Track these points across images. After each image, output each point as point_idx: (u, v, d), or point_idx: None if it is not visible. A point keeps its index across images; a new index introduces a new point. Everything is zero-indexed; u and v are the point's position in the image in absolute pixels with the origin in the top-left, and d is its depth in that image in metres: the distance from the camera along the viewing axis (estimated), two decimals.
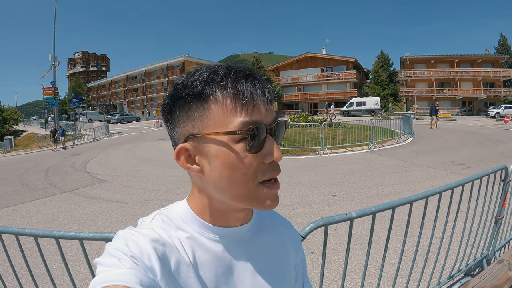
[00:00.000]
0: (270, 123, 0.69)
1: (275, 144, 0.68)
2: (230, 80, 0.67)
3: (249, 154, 0.66)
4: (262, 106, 0.68)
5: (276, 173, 0.70)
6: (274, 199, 0.70)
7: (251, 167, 0.67)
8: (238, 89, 0.66)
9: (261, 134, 0.66)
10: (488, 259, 3.83)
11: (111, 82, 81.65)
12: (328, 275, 4.16)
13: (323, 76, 56.63)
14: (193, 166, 0.72)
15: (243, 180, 0.67)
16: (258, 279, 0.79)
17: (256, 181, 0.68)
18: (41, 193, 9.92)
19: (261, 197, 0.69)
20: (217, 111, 0.67)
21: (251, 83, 0.68)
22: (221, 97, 0.67)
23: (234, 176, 0.67)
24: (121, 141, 25.72)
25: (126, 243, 0.66)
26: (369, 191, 7.99)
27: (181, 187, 9.38)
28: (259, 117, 0.66)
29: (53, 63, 35.45)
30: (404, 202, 2.52)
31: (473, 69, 48.61)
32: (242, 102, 0.66)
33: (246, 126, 0.65)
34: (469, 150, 13.77)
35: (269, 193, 0.69)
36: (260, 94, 0.68)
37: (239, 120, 0.65)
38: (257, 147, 0.66)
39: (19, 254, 2.48)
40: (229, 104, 0.66)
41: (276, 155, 0.68)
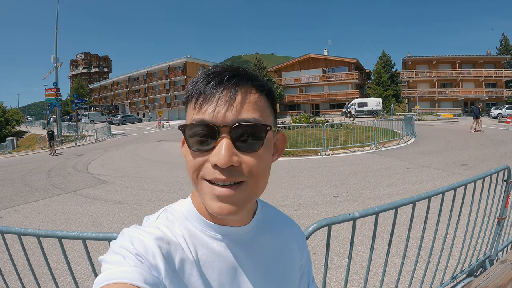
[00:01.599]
0: (226, 123, 0.65)
1: (226, 147, 0.64)
2: (193, 81, 0.72)
3: (193, 151, 0.68)
4: (213, 104, 0.66)
5: (218, 177, 0.65)
6: (215, 201, 0.66)
7: (195, 163, 0.68)
8: (194, 87, 0.70)
9: (201, 133, 0.66)
10: (491, 260, 3.82)
11: (113, 83, 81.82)
12: (331, 275, 4.15)
13: (325, 77, 56.68)
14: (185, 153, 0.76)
15: (189, 171, 0.70)
16: (262, 279, 0.80)
17: (200, 177, 0.68)
18: (44, 194, 9.92)
19: (204, 194, 0.68)
20: (188, 109, 0.72)
21: (206, 80, 0.68)
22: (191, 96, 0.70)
23: (187, 167, 0.71)
24: (123, 142, 25.75)
25: (131, 241, 0.67)
26: (372, 192, 7.97)
27: (183, 188, 9.38)
28: (205, 116, 0.66)
29: (55, 64, 35.54)
30: (407, 202, 2.52)
31: (475, 70, 48.53)
32: (194, 100, 0.69)
33: (190, 122, 0.68)
34: (471, 151, 13.74)
35: (210, 192, 0.67)
36: (213, 91, 0.66)
37: (191, 117, 0.69)
38: (197, 145, 0.67)
39: (22, 254, 2.48)
40: (191, 103, 0.70)
41: (215, 160, 0.64)
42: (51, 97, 35.89)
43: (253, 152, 0.67)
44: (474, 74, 48.25)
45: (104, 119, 56.07)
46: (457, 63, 49.75)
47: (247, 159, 0.66)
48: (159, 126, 39.94)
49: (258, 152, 0.68)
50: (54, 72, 36.05)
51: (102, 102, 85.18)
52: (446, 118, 37.65)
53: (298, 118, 22.20)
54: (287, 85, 59.26)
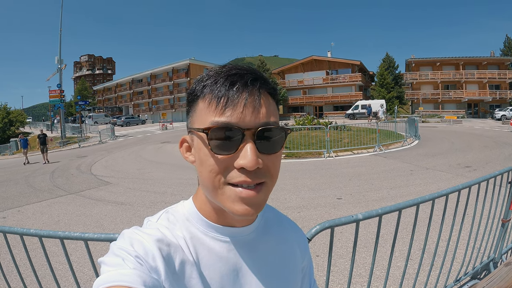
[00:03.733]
0: (250, 126, 0.65)
1: (252, 151, 0.64)
2: (211, 80, 0.68)
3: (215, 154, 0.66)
4: (240, 107, 0.65)
5: (245, 180, 0.65)
6: (240, 203, 0.66)
7: (218, 166, 0.66)
8: (215, 88, 0.67)
9: (227, 136, 0.65)
10: (495, 262, 3.79)
11: (116, 85, 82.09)
12: (334, 278, 4.14)
13: (328, 79, 56.65)
14: (189, 156, 0.75)
15: (209, 177, 0.67)
16: (264, 281, 0.79)
17: (222, 181, 0.67)
18: (47, 195, 9.96)
19: (225, 197, 0.67)
20: (201, 109, 0.69)
21: (230, 82, 0.66)
22: (204, 95, 0.68)
23: (203, 171, 0.69)
24: (126, 144, 25.82)
25: (131, 242, 0.66)
26: (375, 194, 7.95)
27: (187, 189, 9.39)
28: (231, 119, 0.64)
29: (59, 66, 35.64)
30: (411, 204, 2.50)
31: (479, 71, 48.33)
32: (216, 101, 0.66)
33: (213, 125, 0.65)
34: (475, 153, 13.69)
35: (235, 195, 0.66)
36: (239, 94, 0.66)
37: (211, 119, 0.66)
38: (221, 148, 0.65)
39: (24, 255, 2.48)
40: (207, 102, 0.67)
41: (245, 162, 0.64)
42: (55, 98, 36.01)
43: (273, 154, 0.69)
44: (478, 75, 48.06)
45: (108, 120, 56.25)
46: (461, 64, 49.56)
47: (267, 161, 0.68)
48: (163, 128, 40.04)
49: (277, 153, 0.70)
50: (58, 73, 36.15)
51: (105, 104, 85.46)
52: (450, 120, 37.55)
53: (301, 120, 22.20)
54: (290, 87, 59.27)
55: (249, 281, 0.77)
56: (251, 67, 0.73)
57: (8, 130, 42.56)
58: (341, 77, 55.83)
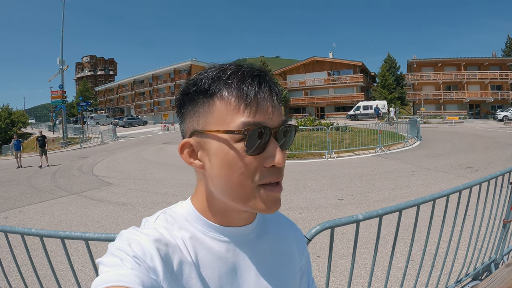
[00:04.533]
0: (275, 126, 0.67)
1: (279, 149, 0.66)
2: (236, 79, 0.66)
3: (247, 155, 0.65)
4: (268, 108, 0.66)
5: (276, 178, 0.68)
6: (273, 202, 0.69)
7: (249, 168, 0.65)
8: (243, 88, 0.65)
9: (261, 136, 0.65)
10: (496, 263, 3.79)
11: (118, 86, 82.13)
12: (334, 279, 4.13)
13: (330, 80, 56.62)
14: (195, 161, 0.72)
15: (240, 180, 0.66)
16: (263, 280, 0.79)
17: (254, 183, 0.67)
18: (48, 195, 9.98)
19: (259, 199, 0.67)
20: (221, 109, 0.66)
21: (257, 83, 0.66)
22: (225, 95, 0.66)
23: (232, 175, 0.66)
24: (128, 145, 25.85)
25: (128, 243, 0.66)
26: (376, 195, 7.94)
27: (188, 190, 9.39)
28: (262, 119, 0.65)
29: (61, 67, 35.72)
30: (411, 204, 2.50)
31: (480, 72, 48.19)
32: (245, 102, 0.65)
33: (246, 126, 0.64)
34: (477, 154, 13.66)
35: (268, 195, 0.67)
36: (267, 96, 0.66)
37: (240, 120, 0.64)
38: (256, 149, 0.65)
39: (25, 254, 2.49)
40: (233, 103, 0.65)
41: (276, 160, 0.65)
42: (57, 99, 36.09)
43: (286, 150, 0.72)
44: (480, 76, 47.92)
45: (110, 121, 56.30)
46: (462, 65, 49.43)
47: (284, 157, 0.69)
48: (164, 129, 40.05)
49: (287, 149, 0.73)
50: (60, 74, 36.26)
51: (107, 105, 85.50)
52: (452, 120, 37.49)
53: (303, 121, 22.19)
54: (292, 88, 59.24)
55: (248, 280, 0.77)
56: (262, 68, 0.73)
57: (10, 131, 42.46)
58: (342, 78, 55.78)
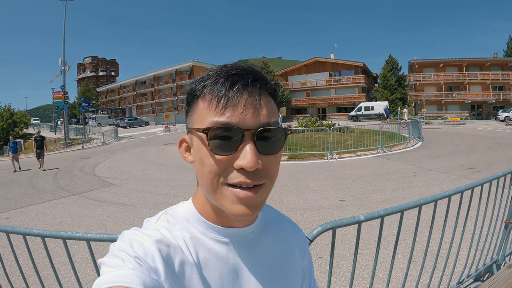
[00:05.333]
0: (251, 126, 0.65)
1: (252, 151, 0.64)
2: (211, 80, 0.68)
3: (214, 154, 0.65)
4: (240, 108, 0.65)
5: (245, 180, 0.65)
6: (238, 204, 0.66)
7: (218, 166, 0.66)
8: (215, 88, 0.67)
9: (227, 136, 0.64)
10: (498, 264, 3.78)
11: (120, 87, 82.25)
12: (336, 280, 4.13)
13: (332, 81, 56.62)
14: (188, 156, 0.76)
15: (209, 177, 0.67)
16: (264, 281, 0.79)
17: (221, 181, 0.66)
18: (50, 196, 9.99)
19: (225, 199, 0.67)
20: (200, 109, 0.69)
21: (230, 82, 0.66)
22: (204, 96, 0.68)
23: (203, 171, 0.69)
24: (130, 145, 25.87)
25: (130, 243, 0.66)
26: (378, 195, 7.94)
27: (190, 191, 9.39)
28: (231, 119, 0.64)
29: (63, 67, 35.83)
30: (413, 205, 2.50)
31: (482, 73, 48.09)
32: (216, 101, 0.65)
33: (213, 125, 0.64)
34: (478, 154, 13.64)
35: (233, 196, 0.66)
36: (239, 94, 0.66)
37: (210, 119, 0.65)
38: (221, 149, 0.65)
39: (27, 255, 2.49)
40: (208, 103, 0.67)
41: (246, 162, 0.64)
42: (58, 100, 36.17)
43: (273, 155, 0.69)
44: (481, 77, 47.82)
45: (111, 122, 56.35)
46: (464, 66, 49.35)
47: (267, 162, 0.67)
48: (166, 130, 40.09)
49: (277, 154, 0.70)
50: (61, 75, 36.38)
51: (109, 106, 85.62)
52: (453, 121, 37.41)
53: (304, 122, 22.19)
54: (293, 89, 59.20)
55: (249, 281, 0.77)
56: (252, 67, 0.73)
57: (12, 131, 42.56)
58: (344, 79, 55.77)
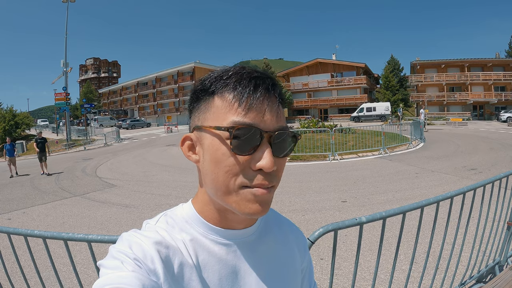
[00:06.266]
0: (269, 129, 0.67)
1: (269, 153, 0.65)
2: (234, 79, 0.68)
3: (234, 154, 0.65)
4: (262, 110, 0.67)
5: (263, 182, 0.66)
6: (254, 203, 0.67)
7: (235, 167, 0.66)
8: (237, 88, 0.67)
9: (249, 137, 0.65)
10: (501, 266, 3.77)
11: (122, 88, 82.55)
12: (338, 281, 4.12)
13: (333, 82, 56.63)
14: (192, 155, 0.74)
15: (224, 178, 0.67)
16: (263, 282, 0.78)
17: (238, 183, 0.66)
18: (52, 197, 10.00)
19: (241, 199, 0.67)
20: (218, 107, 0.68)
21: (254, 85, 0.67)
22: (223, 94, 0.68)
23: (218, 172, 0.67)
24: (131, 147, 25.89)
25: (129, 245, 0.66)
26: (380, 197, 7.92)
27: (191, 192, 9.39)
28: (253, 120, 0.65)
29: (65, 69, 35.86)
30: (415, 207, 2.49)
31: (484, 73, 48.07)
32: (238, 101, 0.66)
33: (235, 125, 0.65)
34: (480, 155, 13.60)
35: (251, 195, 0.66)
36: (261, 98, 0.67)
37: (232, 118, 0.66)
38: (242, 149, 0.65)
39: (28, 256, 2.49)
40: (228, 101, 0.67)
41: (263, 164, 0.65)
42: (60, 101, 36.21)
43: (283, 158, 0.71)
44: (483, 77, 47.81)
45: (113, 123, 56.47)
46: (466, 66, 49.33)
47: (278, 164, 0.69)
48: (168, 131, 40.12)
49: (286, 157, 0.72)
50: (63, 76, 36.36)
51: (111, 107, 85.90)
52: (455, 122, 37.38)
53: (306, 123, 22.16)
54: (295, 90, 59.25)
55: (248, 283, 0.77)
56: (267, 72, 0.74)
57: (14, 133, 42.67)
58: (346, 80, 55.78)
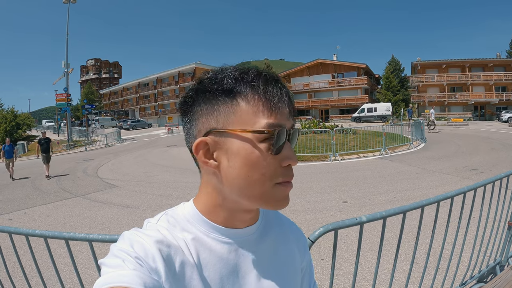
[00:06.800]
0: (289, 128, 0.71)
1: (291, 149, 0.71)
2: (261, 82, 0.69)
3: (270, 155, 0.68)
4: (285, 112, 0.71)
5: (291, 177, 0.72)
6: (286, 199, 0.72)
7: (270, 167, 0.68)
8: (268, 91, 0.69)
9: (282, 137, 0.68)
10: (501, 266, 3.76)
11: (123, 89, 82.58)
12: (339, 281, 4.12)
13: (334, 83, 56.60)
14: (210, 161, 0.71)
15: (261, 179, 0.68)
16: (264, 281, 0.79)
17: (273, 182, 0.69)
18: (53, 197, 10.01)
19: (275, 197, 0.70)
20: (245, 109, 0.68)
21: (279, 88, 0.70)
22: (250, 96, 0.68)
23: (253, 175, 0.68)
24: (133, 147, 25.89)
25: (131, 244, 0.66)
26: (381, 197, 7.92)
27: (193, 192, 9.37)
28: (282, 121, 0.69)
29: (66, 70, 35.87)
30: (415, 206, 2.49)
31: (485, 73, 48.02)
32: (270, 104, 0.68)
33: (271, 127, 0.67)
34: (481, 156, 13.58)
35: (283, 193, 0.71)
36: (285, 100, 0.71)
37: (265, 121, 0.67)
38: (278, 149, 0.68)
39: (30, 256, 2.49)
40: (258, 104, 0.68)
41: (292, 160, 0.70)
42: (61, 102, 36.23)
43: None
44: (484, 77, 47.75)
45: (114, 124, 56.49)
46: (467, 66, 49.28)
47: None
48: (169, 132, 40.11)
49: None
50: (64, 77, 36.39)
51: (112, 108, 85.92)
52: (456, 122, 37.32)
53: (307, 124, 22.14)
54: (296, 90, 59.17)
55: (249, 281, 0.77)
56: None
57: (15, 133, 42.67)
58: (346, 80, 55.75)
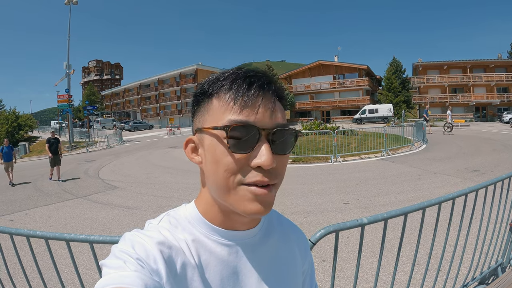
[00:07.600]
0: (267, 127, 0.67)
1: (268, 150, 0.65)
2: (229, 80, 0.69)
3: (232, 152, 0.66)
4: (259, 108, 0.67)
5: (262, 179, 0.66)
6: (254, 203, 0.67)
7: (233, 165, 0.66)
8: (233, 87, 0.68)
9: (246, 134, 0.65)
10: (503, 267, 3.75)
11: (124, 90, 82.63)
12: (340, 283, 4.11)
13: (336, 84, 56.64)
14: (195, 157, 0.75)
15: (224, 176, 0.67)
16: (264, 284, 0.78)
17: (237, 181, 0.67)
18: (54, 198, 10.02)
19: (240, 197, 0.67)
20: (216, 108, 0.69)
21: (249, 83, 0.68)
22: (220, 95, 0.69)
23: (217, 171, 0.68)
24: (134, 149, 25.91)
25: (132, 245, 0.66)
26: (382, 198, 7.91)
27: (194, 194, 9.38)
28: (249, 118, 0.66)
29: (67, 71, 35.92)
30: (417, 208, 2.49)
31: (486, 74, 48.02)
32: (233, 100, 0.67)
33: (231, 123, 0.66)
34: (483, 157, 13.55)
35: (250, 194, 0.66)
36: (257, 94, 0.68)
37: (228, 117, 0.66)
38: (239, 147, 0.65)
39: (31, 257, 2.49)
40: (224, 101, 0.68)
41: (261, 161, 0.65)
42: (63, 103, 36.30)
43: (284, 155, 0.71)
44: (486, 78, 47.74)
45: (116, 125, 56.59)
46: (468, 67, 49.26)
47: (279, 162, 0.69)
48: (170, 133, 40.17)
49: (287, 155, 0.72)
50: (66, 79, 36.43)
51: (113, 109, 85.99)
52: (458, 123, 37.26)
53: (309, 125, 22.16)
54: (297, 92, 59.23)
55: (249, 284, 0.76)
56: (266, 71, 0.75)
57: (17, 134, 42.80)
58: (348, 82, 55.79)
